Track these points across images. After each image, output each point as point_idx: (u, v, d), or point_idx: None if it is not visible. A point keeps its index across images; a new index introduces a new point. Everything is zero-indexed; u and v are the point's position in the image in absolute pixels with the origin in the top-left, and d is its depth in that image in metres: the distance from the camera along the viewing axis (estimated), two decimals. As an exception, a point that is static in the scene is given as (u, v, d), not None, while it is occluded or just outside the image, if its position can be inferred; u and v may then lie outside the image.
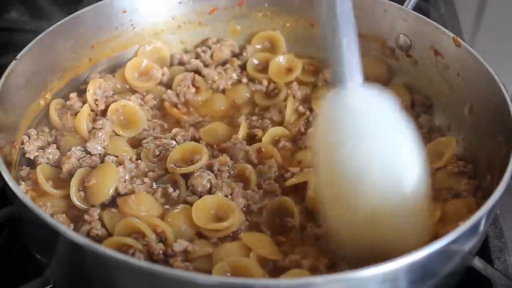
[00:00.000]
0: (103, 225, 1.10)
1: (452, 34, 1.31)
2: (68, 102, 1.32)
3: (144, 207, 1.14)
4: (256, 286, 0.84)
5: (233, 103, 1.44)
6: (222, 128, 1.35)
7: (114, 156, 1.23)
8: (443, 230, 1.05)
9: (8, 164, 1.14)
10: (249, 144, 1.29)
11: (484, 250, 1.16)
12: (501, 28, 2.19)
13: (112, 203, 1.16)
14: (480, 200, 1.14)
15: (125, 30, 1.45)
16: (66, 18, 1.33)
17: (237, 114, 1.40)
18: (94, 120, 1.30)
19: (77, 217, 1.13)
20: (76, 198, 1.15)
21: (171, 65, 1.51)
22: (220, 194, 1.15)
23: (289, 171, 1.23)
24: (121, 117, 1.32)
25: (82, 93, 1.36)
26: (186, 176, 1.20)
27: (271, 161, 1.24)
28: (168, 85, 1.44)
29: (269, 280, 0.98)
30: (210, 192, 1.17)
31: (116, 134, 1.30)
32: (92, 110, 1.32)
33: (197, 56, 1.51)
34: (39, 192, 1.17)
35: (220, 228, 1.09)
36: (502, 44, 2.16)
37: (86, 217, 1.11)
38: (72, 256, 0.94)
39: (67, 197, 1.16)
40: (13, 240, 1.21)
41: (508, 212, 1.26)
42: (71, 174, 1.18)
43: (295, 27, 1.54)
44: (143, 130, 1.32)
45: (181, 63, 1.50)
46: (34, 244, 1.07)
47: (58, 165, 1.22)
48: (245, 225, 1.13)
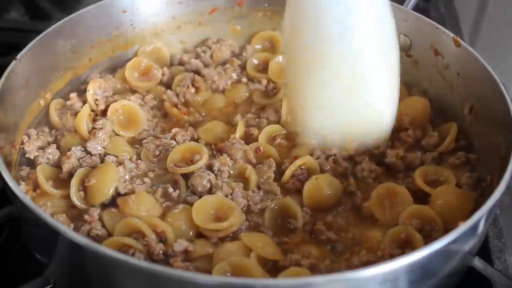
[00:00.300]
0: (103, 225, 1.10)
1: (452, 34, 1.31)
2: (68, 102, 1.32)
3: (144, 207, 1.14)
4: (256, 286, 0.84)
5: (233, 103, 1.44)
6: (220, 127, 1.35)
7: (114, 156, 1.23)
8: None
9: (8, 164, 1.14)
10: (245, 142, 1.29)
11: (484, 250, 1.16)
12: (501, 28, 2.18)
13: (112, 203, 1.16)
14: (479, 197, 1.15)
15: (125, 30, 1.45)
16: (66, 18, 1.33)
17: (236, 113, 1.40)
18: (94, 120, 1.30)
19: (77, 217, 1.13)
20: (76, 198, 1.15)
21: (171, 65, 1.51)
22: (220, 194, 1.15)
23: (284, 163, 1.24)
24: (121, 117, 1.32)
25: (82, 93, 1.36)
26: (186, 176, 1.20)
27: (270, 160, 1.24)
28: (168, 85, 1.44)
29: (269, 280, 0.98)
30: (210, 192, 1.17)
31: (116, 134, 1.30)
32: (92, 110, 1.32)
33: (197, 56, 1.51)
34: (39, 192, 1.17)
35: (220, 228, 1.09)
36: (502, 44, 2.15)
37: (86, 217, 1.11)
38: (72, 256, 0.94)
39: (67, 197, 1.16)
40: (13, 240, 1.21)
41: (508, 212, 1.26)
42: (71, 174, 1.18)
43: (295, 27, 1.54)
44: (143, 130, 1.32)
45: (181, 63, 1.50)
46: (34, 244, 1.07)
47: (58, 165, 1.22)
48: (246, 225, 1.13)
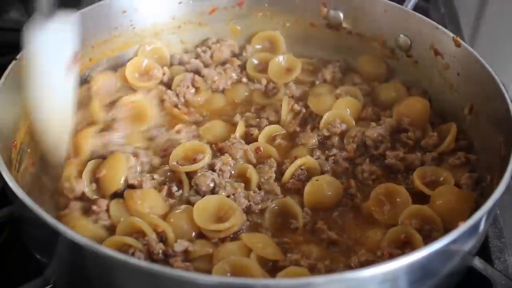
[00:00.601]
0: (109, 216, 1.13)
1: (452, 34, 1.31)
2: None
3: (148, 203, 1.14)
4: (256, 286, 0.84)
5: (233, 102, 1.45)
6: (221, 126, 1.35)
7: (129, 147, 1.25)
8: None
9: (8, 164, 1.14)
10: (245, 142, 1.29)
11: (484, 250, 1.16)
12: (501, 28, 2.18)
13: (122, 194, 1.17)
14: (479, 197, 1.15)
15: (125, 30, 1.44)
16: (66, 18, 1.33)
17: (236, 113, 1.40)
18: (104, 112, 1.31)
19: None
20: (88, 190, 1.16)
21: (171, 65, 1.51)
22: (223, 193, 1.15)
23: (284, 163, 1.24)
24: (130, 112, 1.33)
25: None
26: (189, 175, 1.20)
27: (271, 160, 1.24)
28: (169, 85, 1.44)
29: (269, 280, 0.98)
30: (213, 191, 1.17)
31: (126, 128, 1.30)
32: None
33: (197, 56, 1.51)
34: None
35: (221, 229, 1.09)
36: (502, 44, 2.15)
37: (94, 207, 1.12)
38: (72, 256, 0.94)
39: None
40: (13, 240, 1.21)
41: (508, 212, 1.26)
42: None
43: (295, 27, 1.54)
44: (153, 125, 1.33)
45: (181, 63, 1.50)
46: (34, 244, 1.07)
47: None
48: (246, 226, 1.13)
